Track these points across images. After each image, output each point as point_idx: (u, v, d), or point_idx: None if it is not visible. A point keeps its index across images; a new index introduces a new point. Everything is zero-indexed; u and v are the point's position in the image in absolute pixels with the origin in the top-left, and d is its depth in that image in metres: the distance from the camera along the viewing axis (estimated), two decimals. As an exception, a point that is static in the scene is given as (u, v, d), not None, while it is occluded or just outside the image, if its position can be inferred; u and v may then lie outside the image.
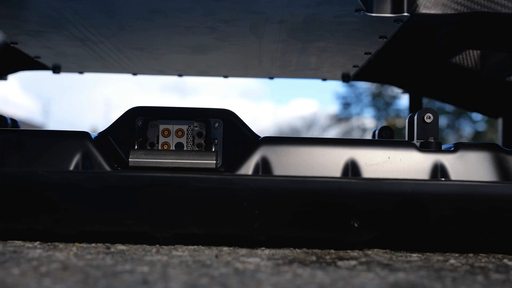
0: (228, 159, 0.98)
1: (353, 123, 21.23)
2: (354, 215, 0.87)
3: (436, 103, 8.04)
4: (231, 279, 0.63)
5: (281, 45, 1.28)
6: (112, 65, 1.56)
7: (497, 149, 0.97)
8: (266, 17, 1.06)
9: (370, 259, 0.81)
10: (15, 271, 0.64)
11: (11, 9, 1.06)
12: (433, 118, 1.00)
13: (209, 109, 1.01)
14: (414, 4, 0.97)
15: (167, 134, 1.00)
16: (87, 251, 0.81)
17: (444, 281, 0.66)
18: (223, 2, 0.98)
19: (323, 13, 1.02)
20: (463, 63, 1.52)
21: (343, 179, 0.90)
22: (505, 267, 0.78)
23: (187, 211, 0.87)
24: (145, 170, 0.93)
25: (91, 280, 0.61)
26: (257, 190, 0.86)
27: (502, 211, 0.88)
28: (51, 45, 1.33)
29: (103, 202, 0.87)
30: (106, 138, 0.99)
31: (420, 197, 0.87)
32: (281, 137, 0.98)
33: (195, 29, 1.15)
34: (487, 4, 0.96)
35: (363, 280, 0.65)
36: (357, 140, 1.00)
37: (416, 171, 0.95)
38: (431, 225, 0.88)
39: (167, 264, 0.72)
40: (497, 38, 1.13)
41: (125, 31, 1.19)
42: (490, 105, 1.91)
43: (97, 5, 1.01)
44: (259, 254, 0.82)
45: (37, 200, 0.86)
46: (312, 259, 0.80)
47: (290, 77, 1.73)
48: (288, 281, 0.63)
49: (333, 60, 1.44)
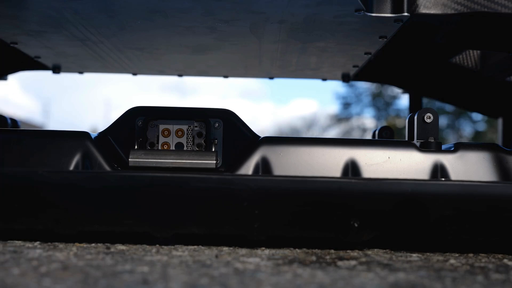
0: (228, 159, 0.98)
1: (353, 123, 21.22)
2: (354, 215, 0.87)
3: (436, 103, 8.04)
4: (231, 279, 0.63)
5: (281, 45, 1.28)
6: (112, 65, 1.56)
7: (497, 149, 0.97)
8: (266, 17, 1.06)
9: (370, 259, 0.81)
10: (15, 271, 0.64)
11: (11, 9, 1.06)
12: (433, 118, 1.00)
13: (209, 109, 1.01)
14: (414, 4, 0.97)
15: (167, 134, 0.99)
16: (87, 251, 0.81)
17: (444, 281, 0.66)
18: (223, 2, 0.98)
19: (323, 13, 1.02)
20: (463, 63, 1.52)
21: (343, 179, 0.90)
22: (505, 267, 0.78)
23: (187, 211, 0.87)
24: (145, 170, 0.93)
25: (91, 280, 0.61)
26: (257, 190, 0.86)
27: (502, 211, 0.88)
28: (51, 45, 1.33)
29: (103, 202, 0.87)
30: (106, 138, 0.99)
31: (420, 197, 0.87)
32: (281, 137, 0.98)
33: (195, 29, 1.15)
34: (487, 4, 0.96)
35: (363, 280, 0.65)
36: (357, 140, 1.00)
37: (416, 171, 0.95)
38: (431, 225, 0.88)
39: (167, 264, 0.72)
40: (497, 38, 1.13)
41: (125, 31, 1.19)
42: (490, 105, 1.91)
43: (97, 5, 1.01)
44: (259, 254, 0.82)
45: (37, 200, 0.86)
46: (312, 259, 0.80)
47: (290, 77, 1.73)
48: (288, 281, 0.63)
49: (333, 60, 1.44)
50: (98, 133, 1.01)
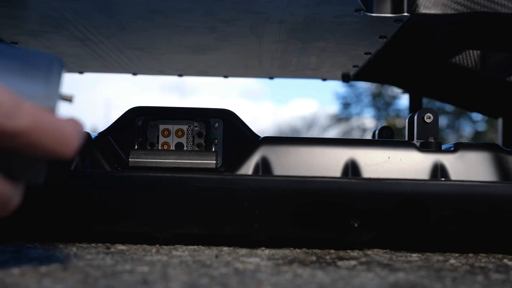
0: (228, 159, 0.98)
1: (353, 123, 21.24)
2: (354, 215, 0.87)
3: (436, 103, 8.04)
4: (231, 279, 0.63)
5: (281, 45, 1.28)
6: (112, 65, 1.56)
7: (497, 149, 0.97)
8: (266, 17, 1.06)
9: (370, 259, 0.81)
10: (15, 271, 0.64)
11: (11, 9, 1.06)
12: (433, 118, 1.00)
13: (209, 109, 1.01)
14: (414, 4, 0.97)
15: (167, 134, 0.99)
16: (87, 251, 0.81)
17: (444, 281, 0.66)
18: (223, 2, 0.98)
19: (323, 13, 1.02)
20: (463, 63, 1.52)
21: (343, 179, 0.90)
22: (505, 267, 0.78)
23: (187, 211, 0.87)
24: (145, 170, 0.93)
25: (91, 280, 0.61)
26: (257, 190, 0.86)
27: (502, 211, 0.88)
28: (51, 45, 1.33)
29: (103, 202, 0.87)
30: (106, 138, 0.99)
31: (420, 197, 0.87)
32: (281, 137, 0.98)
33: (195, 29, 1.15)
34: (487, 4, 0.96)
35: (363, 280, 0.65)
36: (357, 140, 1.00)
37: (416, 171, 0.95)
38: (431, 225, 0.88)
39: (167, 264, 0.72)
40: (497, 38, 1.13)
41: (125, 31, 1.19)
42: (490, 105, 1.91)
43: (97, 5, 1.01)
44: (259, 254, 0.82)
45: (37, 200, 0.86)
46: (312, 259, 0.80)
47: (290, 77, 1.73)
48: (288, 281, 0.63)
49: (333, 60, 1.44)
50: (98, 133, 1.01)
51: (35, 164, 0.57)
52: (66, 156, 0.56)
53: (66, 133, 0.55)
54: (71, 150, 0.56)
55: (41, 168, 0.57)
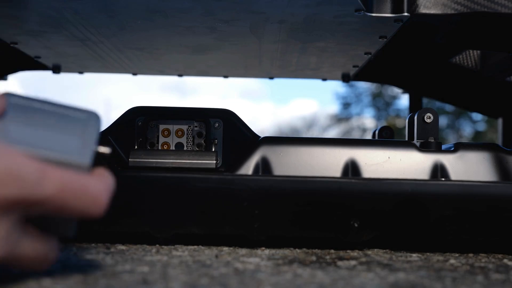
0: (228, 159, 0.98)
1: (353, 123, 21.24)
2: (354, 215, 0.87)
3: (436, 103, 8.04)
4: (231, 279, 0.63)
5: (281, 45, 1.28)
6: (112, 65, 1.56)
7: (497, 149, 0.97)
8: (266, 17, 1.06)
9: (370, 259, 0.81)
10: (15, 271, 0.64)
11: (11, 9, 1.06)
12: (433, 118, 1.00)
13: (209, 109, 1.01)
14: (414, 4, 0.97)
15: (167, 134, 0.99)
16: (87, 251, 0.81)
17: (444, 281, 0.66)
18: (223, 2, 0.98)
19: (323, 13, 1.02)
20: (463, 63, 1.52)
21: (343, 179, 0.90)
22: (505, 267, 0.78)
23: (187, 211, 0.87)
24: (145, 170, 0.93)
25: (91, 280, 0.61)
26: (257, 190, 0.86)
27: (502, 211, 0.88)
28: (51, 45, 1.33)
29: (103, 202, 0.87)
30: (106, 138, 0.99)
31: (420, 197, 0.87)
32: (281, 137, 0.98)
33: (195, 29, 1.15)
34: (487, 4, 0.96)
35: (363, 280, 0.65)
36: (357, 140, 1.00)
37: (416, 171, 0.95)
38: (431, 225, 0.88)
39: (167, 264, 0.72)
40: (497, 38, 1.13)
41: (125, 31, 1.19)
42: (490, 105, 1.91)
43: (97, 5, 1.01)
44: (259, 254, 0.82)
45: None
46: (312, 259, 0.80)
47: (290, 77, 1.73)
48: (288, 281, 0.63)
49: (333, 60, 1.44)
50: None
51: (68, 220, 0.58)
52: (95, 215, 0.57)
53: (93, 193, 0.56)
54: (100, 209, 0.57)
55: (73, 222, 0.59)
